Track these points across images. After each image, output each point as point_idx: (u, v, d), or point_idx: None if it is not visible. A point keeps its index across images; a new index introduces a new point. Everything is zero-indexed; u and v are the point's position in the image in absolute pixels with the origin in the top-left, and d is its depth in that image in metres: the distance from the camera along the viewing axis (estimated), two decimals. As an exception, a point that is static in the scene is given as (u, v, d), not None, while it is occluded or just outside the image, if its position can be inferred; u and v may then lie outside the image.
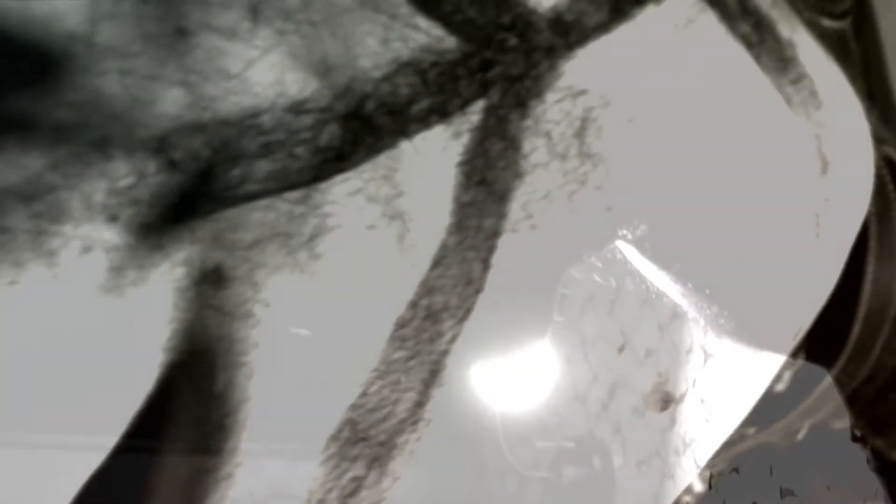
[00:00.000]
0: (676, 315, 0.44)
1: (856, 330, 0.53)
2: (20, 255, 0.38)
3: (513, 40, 0.44)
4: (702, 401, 0.45)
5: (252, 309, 0.40)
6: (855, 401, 0.54)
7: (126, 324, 0.40)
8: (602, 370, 0.44)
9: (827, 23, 0.52)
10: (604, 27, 0.46)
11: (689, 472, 0.46)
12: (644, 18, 0.47)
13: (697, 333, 0.44)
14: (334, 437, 0.42)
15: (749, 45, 0.49)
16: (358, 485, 0.43)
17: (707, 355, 0.45)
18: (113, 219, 0.39)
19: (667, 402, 0.47)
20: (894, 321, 0.53)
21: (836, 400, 0.64)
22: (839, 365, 0.53)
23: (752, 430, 0.51)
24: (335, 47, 0.42)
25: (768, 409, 0.54)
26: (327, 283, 0.41)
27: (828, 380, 0.61)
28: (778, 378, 0.51)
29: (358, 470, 0.43)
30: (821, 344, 0.52)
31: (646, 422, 0.46)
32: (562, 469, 0.44)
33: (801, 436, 0.63)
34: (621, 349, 0.48)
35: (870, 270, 0.53)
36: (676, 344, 0.45)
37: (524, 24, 0.44)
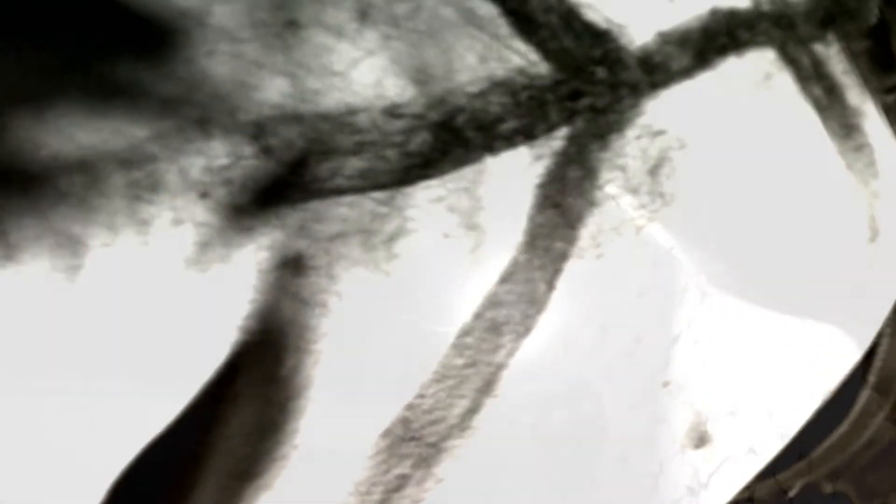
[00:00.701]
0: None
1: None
2: (115, 219, 0.40)
3: (602, 73, 0.45)
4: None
5: (326, 299, 0.42)
6: None
7: (206, 298, 0.41)
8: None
9: (887, 97, 0.54)
10: (687, 72, 0.47)
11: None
12: (725, 68, 0.49)
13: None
14: (387, 433, 0.43)
15: (819, 107, 0.51)
16: (403, 482, 0.44)
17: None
18: (205, 196, 0.41)
19: (703, 440, 0.49)
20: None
21: (833, 462, 0.65)
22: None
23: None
24: (436, 58, 0.44)
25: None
26: (399, 284, 0.43)
27: (831, 439, 0.62)
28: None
29: (405, 468, 0.44)
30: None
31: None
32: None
33: (792, 493, 0.64)
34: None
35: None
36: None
37: (614, 59, 0.46)
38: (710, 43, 0.48)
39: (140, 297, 0.40)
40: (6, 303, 0.38)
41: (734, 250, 0.48)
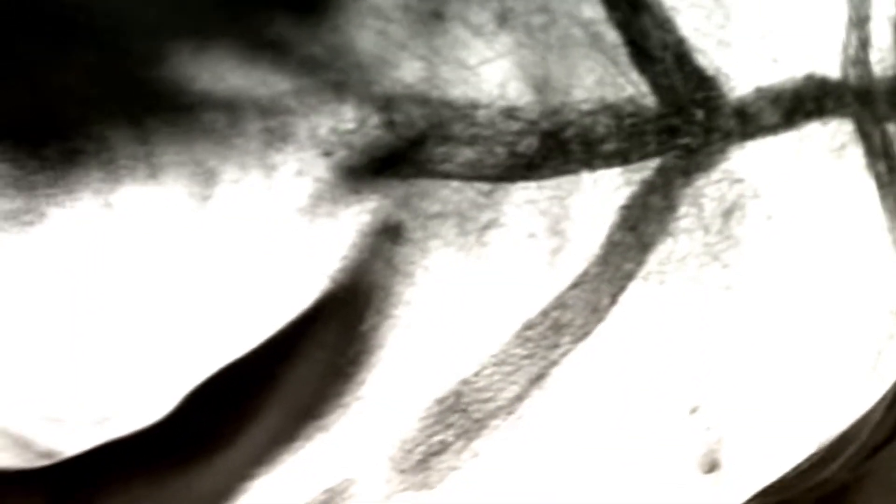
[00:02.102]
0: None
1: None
2: (247, 160, 0.43)
3: (700, 116, 0.49)
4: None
5: (415, 270, 0.45)
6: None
7: (308, 245, 0.44)
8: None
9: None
10: (773, 129, 0.51)
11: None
12: (807, 132, 0.53)
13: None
14: (439, 401, 0.47)
15: (880, 183, 0.55)
16: (443, 448, 0.48)
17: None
18: (328, 154, 0.44)
19: (714, 466, 0.53)
20: None
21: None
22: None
23: None
24: (558, 72, 0.47)
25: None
26: (481, 270, 0.46)
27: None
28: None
29: (448, 436, 0.48)
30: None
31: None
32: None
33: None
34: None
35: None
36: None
37: (714, 105, 0.49)
38: (799, 105, 0.52)
39: (254, 232, 0.43)
40: (145, 217, 0.41)
41: (783, 297, 0.52)
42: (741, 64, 0.50)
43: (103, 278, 0.42)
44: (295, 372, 0.46)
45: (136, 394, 0.45)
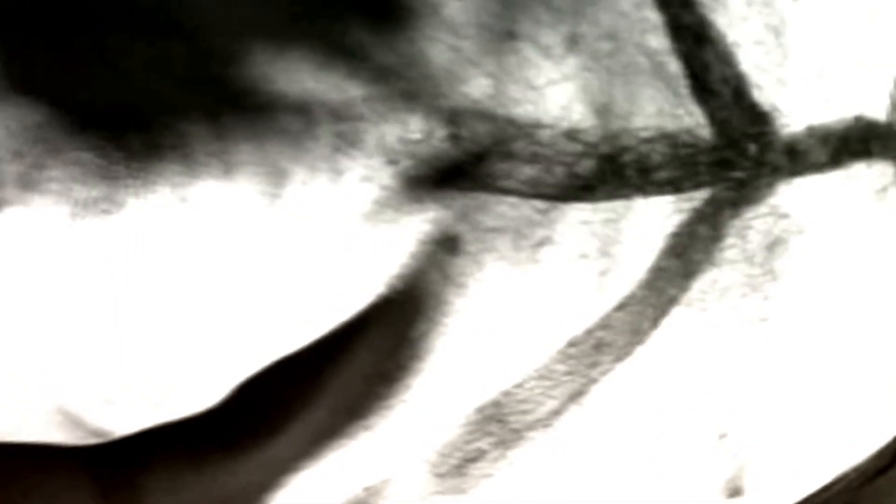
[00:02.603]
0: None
1: None
2: (317, 163, 0.44)
3: (753, 150, 0.50)
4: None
5: (468, 282, 0.47)
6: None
7: (367, 250, 0.46)
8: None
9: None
10: (820, 167, 0.52)
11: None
12: (853, 172, 0.54)
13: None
14: (479, 409, 0.48)
15: None
16: (479, 455, 0.49)
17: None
18: (393, 162, 0.45)
19: (738, 491, 0.54)
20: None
21: None
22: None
23: None
24: (621, 99, 0.48)
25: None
26: (532, 286, 0.48)
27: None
28: None
29: (485, 443, 0.49)
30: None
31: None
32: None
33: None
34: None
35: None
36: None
37: (766, 140, 0.51)
38: (847, 146, 0.53)
39: (318, 233, 0.44)
40: (218, 213, 0.42)
41: (818, 331, 0.53)
42: (795, 102, 0.51)
43: (173, 269, 0.43)
44: (344, 372, 0.47)
45: (189, 381, 0.46)
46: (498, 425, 0.49)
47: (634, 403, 0.51)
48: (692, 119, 0.49)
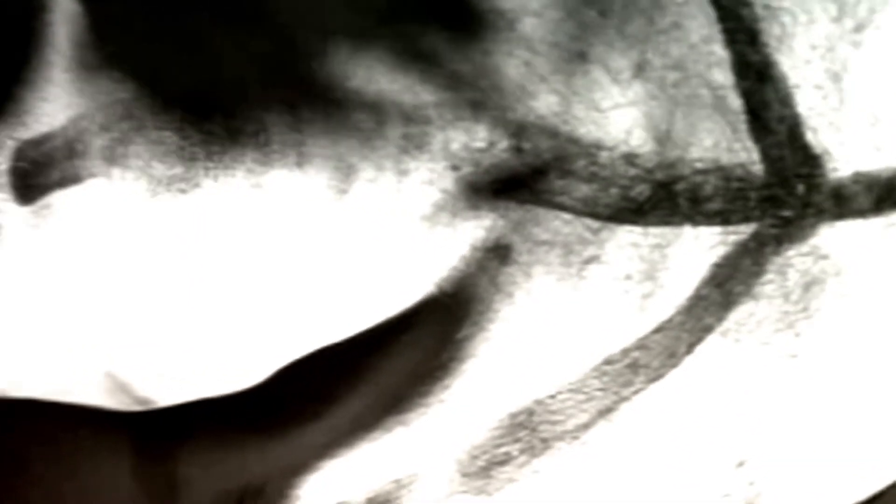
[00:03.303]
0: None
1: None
2: (384, 162, 0.46)
3: (801, 190, 0.52)
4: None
5: (515, 291, 0.48)
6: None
7: (420, 250, 0.47)
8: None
9: None
10: (863, 213, 0.54)
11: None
12: (894, 220, 0.55)
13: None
14: (512, 415, 0.50)
15: None
16: (507, 459, 0.51)
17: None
18: (455, 168, 0.47)
19: None
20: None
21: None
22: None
23: None
24: (681, 128, 0.50)
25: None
26: (577, 301, 0.49)
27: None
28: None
29: (513, 449, 0.51)
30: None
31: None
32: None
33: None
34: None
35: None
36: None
37: (815, 182, 0.52)
38: (890, 195, 0.54)
39: (378, 230, 0.46)
40: (287, 202, 0.44)
41: (845, 370, 0.54)
42: (846, 147, 0.52)
43: (238, 251, 0.44)
44: (386, 366, 0.48)
45: (237, 359, 0.47)
46: (528, 433, 0.50)
47: (660, 424, 0.52)
48: (747, 155, 0.50)
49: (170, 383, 0.47)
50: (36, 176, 0.40)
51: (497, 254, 0.47)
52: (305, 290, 0.45)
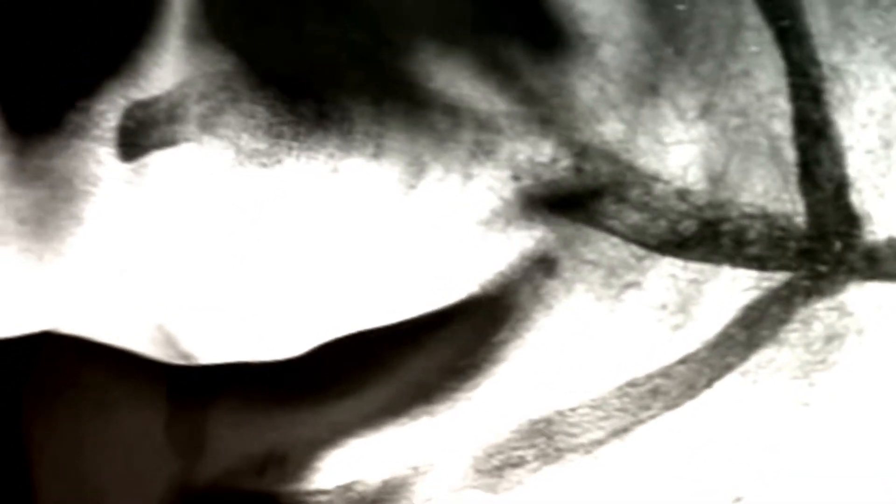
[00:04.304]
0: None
1: None
2: (452, 164, 0.47)
3: (837, 247, 0.54)
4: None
5: (555, 304, 0.50)
6: None
7: (467, 251, 0.49)
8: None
9: None
10: (892, 277, 0.56)
11: None
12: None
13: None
14: (532, 422, 0.52)
15: None
16: (520, 462, 0.52)
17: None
18: (517, 179, 0.48)
19: None
20: None
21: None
22: None
23: None
24: (735, 172, 0.51)
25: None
26: (607, 321, 0.51)
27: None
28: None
29: (528, 454, 0.52)
30: None
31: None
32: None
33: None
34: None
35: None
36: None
37: (851, 242, 0.54)
38: None
39: (437, 228, 0.47)
40: (360, 190, 0.45)
41: (853, 424, 0.56)
42: (886, 213, 0.54)
43: (305, 229, 0.46)
44: (420, 357, 0.50)
45: (283, 330, 0.49)
46: (544, 440, 0.52)
47: (669, 451, 0.54)
48: (792, 206, 0.52)
49: (215, 342, 0.49)
50: (139, 135, 0.42)
51: (543, 266, 0.49)
52: (360, 273, 0.47)
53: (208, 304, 0.47)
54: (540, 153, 0.47)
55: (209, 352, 0.49)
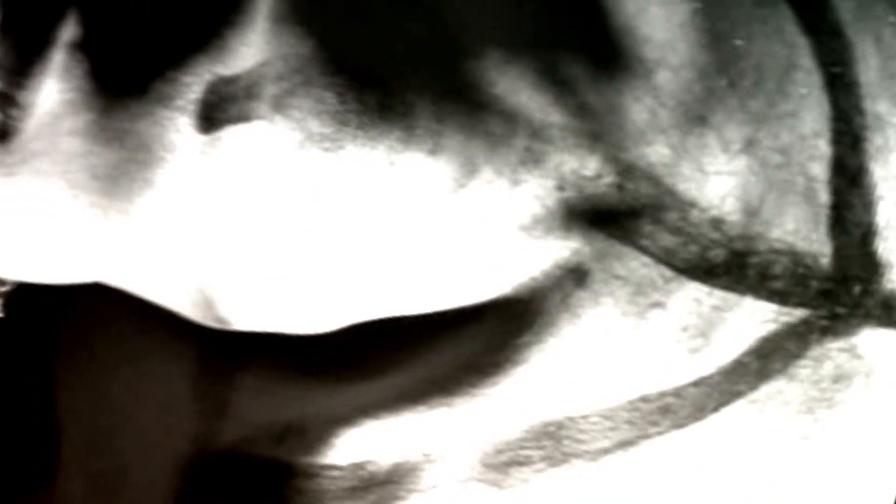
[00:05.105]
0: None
1: None
2: (503, 168, 0.49)
3: (856, 291, 0.55)
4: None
5: (581, 314, 0.51)
6: None
7: (510, 255, 0.50)
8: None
9: None
10: None
11: None
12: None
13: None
14: (544, 423, 0.53)
15: None
16: (526, 462, 0.54)
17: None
18: (561, 189, 0.50)
19: None
20: None
21: None
22: None
23: None
24: (769, 208, 0.53)
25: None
26: (632, 339, 0.52)
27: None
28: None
29: (535, 454, 0.54)
30: None
31: None
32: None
33: None
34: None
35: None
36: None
37: (871, 288, 0.56)
38: None
39: (481, 228, 0.49)
40: (414, 185, 0.47)
41: (850, 461, 0.58)
42: None
43: (356, 215, 0.48)
44: (445, 349, 0.52)
45: (318, 308, 0.51)
46: (552, 442, 0.53)
47: (670, 468, 0.56)
48: (819, 247, 0.54)
49: (252, 311, 0.50)
50: (218, 109, 0.43)
51: (575, 276, 0.50)
52: (401, 262, 0.49)
53: (252, 273, 0.48)
54: (586, 167, 0.49)
55: (245, 319, 0.50)
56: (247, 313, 0.50)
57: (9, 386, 0.59)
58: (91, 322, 0.56)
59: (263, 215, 0.46)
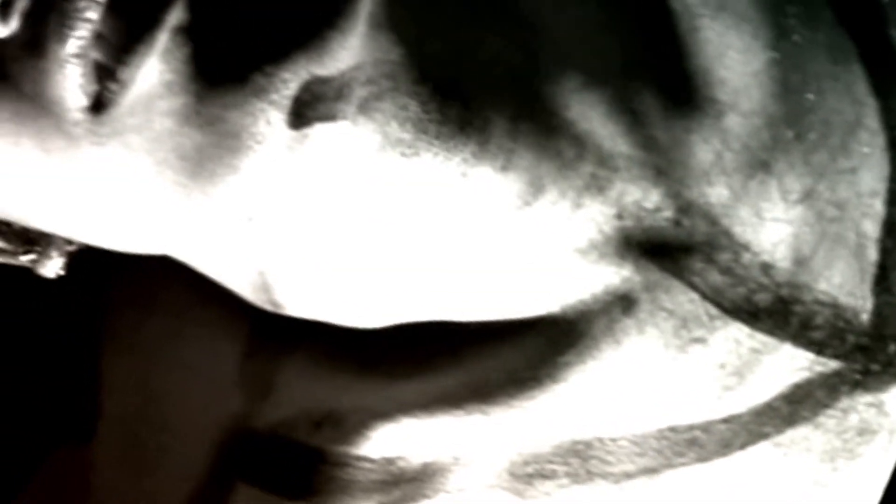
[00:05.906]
0: None
1: None
2: (568, 192, 0.50)
3: (891, 350, 0.57)
4: None
5: (625, 341, 0.53)
6: None
7: (564, 275, 0.52)
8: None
9: None
10: None
11: None
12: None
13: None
14: (574, 441, 0.55)
15: None
16: (551, 476, 0.55)
17: None
18: (619, 217, 0.51)
19: None
20: None
21: None
22: None
23: None
24: (819, 259, 0.54)
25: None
26: (670, 370, 0.54)
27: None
28: None
29: (561, 470, 0.55)
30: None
31: None
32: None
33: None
34: None
35: None
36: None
37: None
38: None
39: (540, 248, 0.50)
40: (482, 199, 0.48)
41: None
42: None
43: (423, 220, 0.49)
44: (489, 358, 0.53)
45: (371, 303, 0.52)
46: (579, 461, 0.55)
47: (686, 498, 0.57)
48: (862, 303, 0.55)
49: (307, 299, 0.52)
50: (309, 108, 0.44)
51: (623, 303, 0.52)
52: (458, 270, 0.50)
53: (315, 264, 0.49)
54: (647, 199, 0.50)
55: (299, 306, 0.52)
56: (302, 301, 0.51)
57: (57, 339, 0.60)
58: (145, 288, 0.57)
59: (337, 210, 0.47)
